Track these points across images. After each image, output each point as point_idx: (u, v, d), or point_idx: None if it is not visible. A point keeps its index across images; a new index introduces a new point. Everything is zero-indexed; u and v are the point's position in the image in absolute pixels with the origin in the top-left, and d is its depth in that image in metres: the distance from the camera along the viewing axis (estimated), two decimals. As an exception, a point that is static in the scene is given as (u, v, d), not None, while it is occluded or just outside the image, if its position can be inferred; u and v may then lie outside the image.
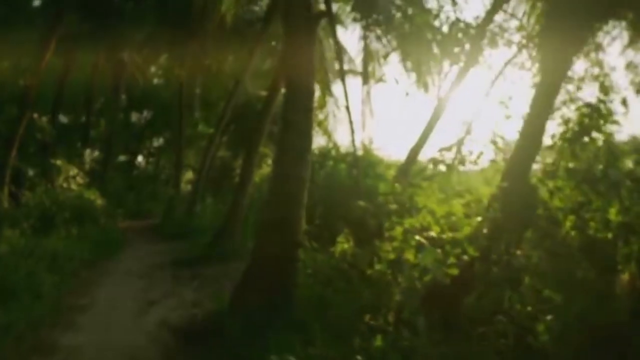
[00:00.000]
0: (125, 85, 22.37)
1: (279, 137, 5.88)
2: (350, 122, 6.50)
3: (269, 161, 18.36)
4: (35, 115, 14.02)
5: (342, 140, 16.30)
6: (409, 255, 4.62)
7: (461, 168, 4.94)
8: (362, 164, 9.70)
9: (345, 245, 5.10)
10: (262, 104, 12.33)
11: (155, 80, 25.60)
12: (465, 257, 4.05)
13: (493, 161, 4.76)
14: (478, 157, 4.83)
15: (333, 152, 12.22)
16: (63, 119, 22.98)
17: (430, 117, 6.68)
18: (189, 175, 27.72)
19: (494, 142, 4.81)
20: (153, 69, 23.99)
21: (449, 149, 4.57)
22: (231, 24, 15.68)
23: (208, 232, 11.21)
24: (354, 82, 16.28)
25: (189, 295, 6.84)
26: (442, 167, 4.61)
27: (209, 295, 6.84)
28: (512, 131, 5.50)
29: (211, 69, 17.51)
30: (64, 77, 17.47)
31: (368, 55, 10.84)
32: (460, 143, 4.98)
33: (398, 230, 4.79)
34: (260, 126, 11.01)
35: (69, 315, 5.73)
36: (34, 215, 10.10)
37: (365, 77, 10.18)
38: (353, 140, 6.39)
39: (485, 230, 4.03)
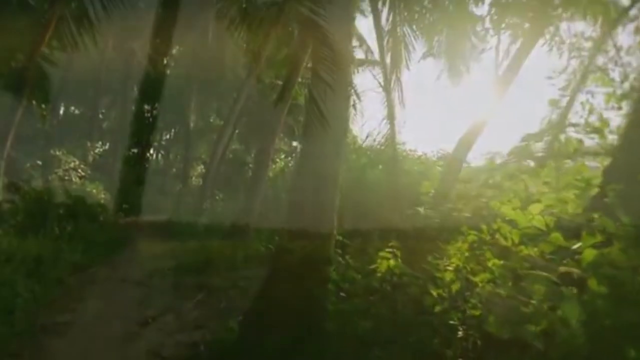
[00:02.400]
0: (136, 74, 21.41)
1: (305, 123, 4.69)
2: (390, 107, 5.29)
3: (283, 156, 17.26)
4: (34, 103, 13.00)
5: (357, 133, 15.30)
6: (479, 279, 3.43)
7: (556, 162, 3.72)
8: (390, 160, 8.52)
9: (391, 262, 3.90)
10: (277, 94, 11.23)
11: (168, 71, 24.68)
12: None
13: (597, 154, 3.53)
14: (575, 149, 3.62)
15: (354, 145, 11.10)
16: (69, 109, 22.19)
17: (488, 104, 5.45)
18: (200, 169, 26.84)
19: (598, 130, 3.56)
20: (164, 57, 23.03)
21: (539, 137, 3.36)
22: (245, 7, 14.58)
23: (217, 232, 10.12)
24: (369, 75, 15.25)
25: (191, 313, 5.72)
26: (530, 162, 3.40)
27: (215, 312, 5.75)
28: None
29: (223, 56, 16.44)
30: (68, 65, 16.52)
31: (396, 40, 9.49)
32: (558, 129, 3.73)
33: (463, 246, 3.59)
34: (275, 117, 9.85)
35: (40, 339, 4.64)
36: (22, 210, 9.04)
37: (396, 61, 8.85)
38: (393, 127, 5.17)
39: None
